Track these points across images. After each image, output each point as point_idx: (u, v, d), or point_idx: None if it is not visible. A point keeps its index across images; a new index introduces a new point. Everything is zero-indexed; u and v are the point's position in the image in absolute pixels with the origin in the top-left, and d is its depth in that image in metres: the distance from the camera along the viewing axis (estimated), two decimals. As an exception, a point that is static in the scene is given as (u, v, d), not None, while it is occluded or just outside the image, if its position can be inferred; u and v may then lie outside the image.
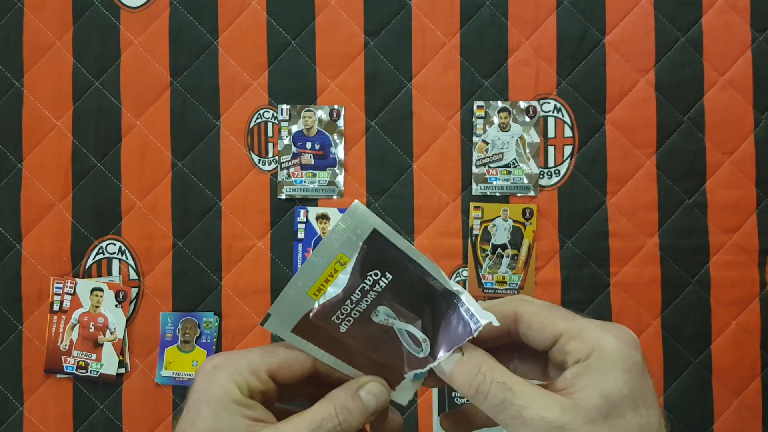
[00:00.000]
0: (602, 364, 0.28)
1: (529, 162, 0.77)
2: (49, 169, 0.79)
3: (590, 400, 0.27)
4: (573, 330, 0.30)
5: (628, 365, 0.28)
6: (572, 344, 0.30)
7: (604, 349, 0.29)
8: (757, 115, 0.77)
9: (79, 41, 0.80)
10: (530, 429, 0.28)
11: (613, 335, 0.29)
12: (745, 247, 0.76)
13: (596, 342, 0.29)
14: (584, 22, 0.78)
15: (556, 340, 0.30)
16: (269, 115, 0.79)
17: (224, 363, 0.31)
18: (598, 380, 0.28)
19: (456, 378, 0.31)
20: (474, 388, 0.29)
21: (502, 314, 0.32)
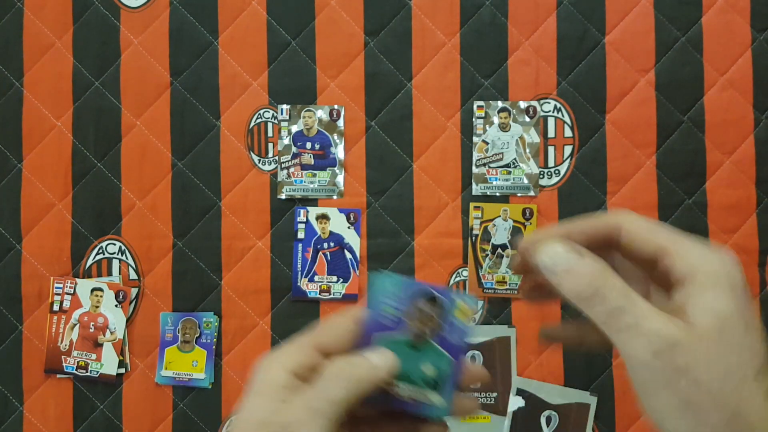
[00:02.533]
0: (710, 283, 0.28)
1: (529, 162, 0.77)
2: (49, 169, 0.79)
3: (703, 320, 0.27)
4: (678, 246, 0.30)
5: (735, 285, 0.28)
6: (677, 260, 0.29)
7: (711, 267, 0.28)
8: (757, 115, 0.77)
9: (79, 41, 0.80)
10: (643, 340, 0.27)
11: (717, 256, 0.29)
12: (745, 247, 0.76)
13: (702, 260, 0.29)
14: (584, 22, 0.78)
15: (659, 255, 0.30)
16: (269, 115, 0.79)
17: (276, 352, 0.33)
18: (708, 299, 0.28)
19: (572, 278, 0.30)
20: (593, 288, 0.29)
21: (605, 223, 0.32)
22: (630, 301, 0.28)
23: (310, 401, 0.30)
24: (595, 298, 0.29)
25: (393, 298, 0.33)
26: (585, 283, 0.29)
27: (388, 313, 0.33)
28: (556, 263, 0.30)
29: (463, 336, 0.33)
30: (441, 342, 0.33)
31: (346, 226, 0.77)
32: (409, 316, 0.33)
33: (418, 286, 0.34)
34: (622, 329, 0.28)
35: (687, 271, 0.29)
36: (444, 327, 0.33)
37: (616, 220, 0.32)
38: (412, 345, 0.33)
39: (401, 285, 0.33)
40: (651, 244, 0.30)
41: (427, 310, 0.33)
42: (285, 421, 0.29)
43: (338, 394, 0.30)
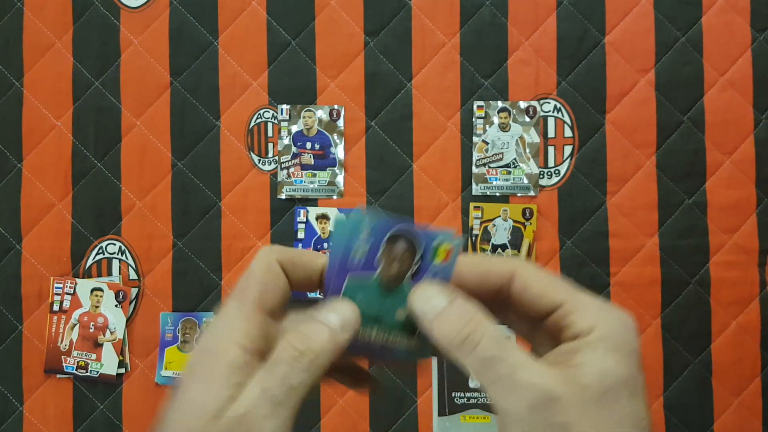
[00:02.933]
0: (603, 343, 0.26)
1: (529, 162, 0.77)
2: (49, 169, 0.79)
3: (587, 377, 0.25)
4: (575, 303, 0.28)
5: (629, 350, 0.26)
6: (572, 317, 0.28)
7: (607, 329, 0.27)
8: (757, 115, 0.77)
9: (79, 41, 0.80)
10: (519, 394, 0.25)
11: (616, 317, 0.27)
12: (745, 247, 0.76)
13: (599, 319, 0.27)
14: (584, 22, 0.78)
15: (553, 309, 0.28)
16: (269, 115, 0.79)
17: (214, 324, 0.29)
18: (597, 358, 0.26)
19: (442, 324, 0.27)
20: (462, 337, 0.26)
21: (498, 270, 0.30)
22: (504, 350, 0.26)
23: (267, 388, 0.26)
24: (466, 345, 0.26)
25: (362, 238, 0.30)
26: (455, 328, 0.27)
27: (358, 255, 0.30)
28: (426, 307, 0.28)
29: (441, 277, 0.30)
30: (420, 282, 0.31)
31: (346, 226, 0.77)
32: (381, 257, 0.30)
33: (390, 224, 0.30)
34: (495, 380, 0.25)
35: (583, 328, 0.27)
36: (420, 268, 0.30)
37: (510, 266, 0.30)
38: (384, 288, 0.30)
39: (371, 224, 0.30)
40: (548, 296, 0.29)
41: (400, 251, 0.30)
42: (241, 412, 0.25)
43: (297, 377, 0.26)
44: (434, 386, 0.76)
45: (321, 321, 0.29)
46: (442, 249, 0.30)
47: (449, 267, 0.30)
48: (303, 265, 0.30)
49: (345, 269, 0.30)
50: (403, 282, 0.30)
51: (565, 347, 0.27)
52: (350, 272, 0.30)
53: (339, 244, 0.30)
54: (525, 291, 0.29)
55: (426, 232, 0.30)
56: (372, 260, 0.30)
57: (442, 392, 0.76)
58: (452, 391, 0.76)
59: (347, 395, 0.76)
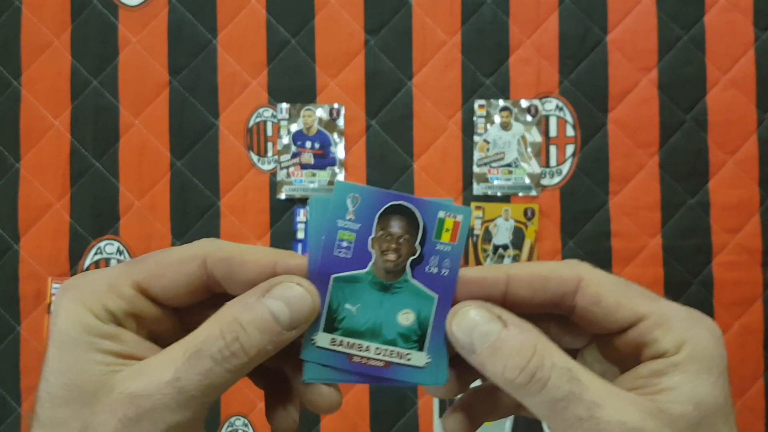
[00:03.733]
0: (694, 364, 0.22)
1: (531, 161, 0.77)
2: (47, 168, 0.79)
3: (679, 406, 0.21)
4: (658, 315, 0.23)
5: (723, 367, 0.23)
6: (657, 332, 0.23)
7: (697, 345, 0.23)
8: (760, 114, 0.76)
9: (78, 40, 0.79)
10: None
11: (706, 329, 0.23)
12: (748, 247, 0.76)
13: (688, 334, 0.23)
14: (586, 21, 0.77)
15: (632, 324, 0.24)
16: (269, 114, 0.78)
17: (76, 284, 0.23)
18: (689, 382, 0.22)
19: (498, 359, 0.22)
20: (528, 375, 0.22)
21: (559, 276, 0.24)
22: (580, 385, 0.22)
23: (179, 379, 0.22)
24: (532, 384, 0.22)
25: (350, 216, 0.24)
26: (516, 364, 0.22)
27: (344, 240, 0.24)
28: (474, 338, 0.23)
29: (450, 262, 0.25)
30: (420, 275, 0.25)
31: (346, 226, 0.77)
32: (374, 242, 0.24)
33: (383, 195, 0.24)
34: (571, 425, 0.21)
35: (670, 345, 0.23)
36: (423, 253, 0.25)
37: (575, 272, 0.25)
38: (380, 284, 0.25)
39: (359, 196, 0.24)
40: (625, 309, 0.24)
41: (398, 231, 0.24)
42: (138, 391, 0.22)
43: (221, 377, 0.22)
44: (435, 387, 0.75)
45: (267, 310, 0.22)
46: (447, 223, 0.25)
47: (458, 248, 0.25)
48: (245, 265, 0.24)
49: (329, 267, 0.24)
50: (404, 274, 0.25)
51: (648, 368, 0.23)
52: (334, 273, 0.24)
53: (318, 233, 0.24)
54: (596, 303, 0.24)
55: (427, 205, 0.24)
56: (362, 249, 0.24)
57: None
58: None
59: (347, 395, 0.76)
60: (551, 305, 0.25)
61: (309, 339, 0.24)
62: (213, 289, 0.25)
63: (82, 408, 0.22)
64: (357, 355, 0.24)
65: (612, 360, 0.26)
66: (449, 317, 0.24)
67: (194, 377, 0.22)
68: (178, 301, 0.24)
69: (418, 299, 0.24)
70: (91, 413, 0.22)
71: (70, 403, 0.22)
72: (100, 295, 0.23)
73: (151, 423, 0.21)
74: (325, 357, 0.25)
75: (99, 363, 0.22)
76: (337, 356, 0.24)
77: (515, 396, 0.23)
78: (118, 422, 0.21)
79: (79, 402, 0.22)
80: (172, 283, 0.24)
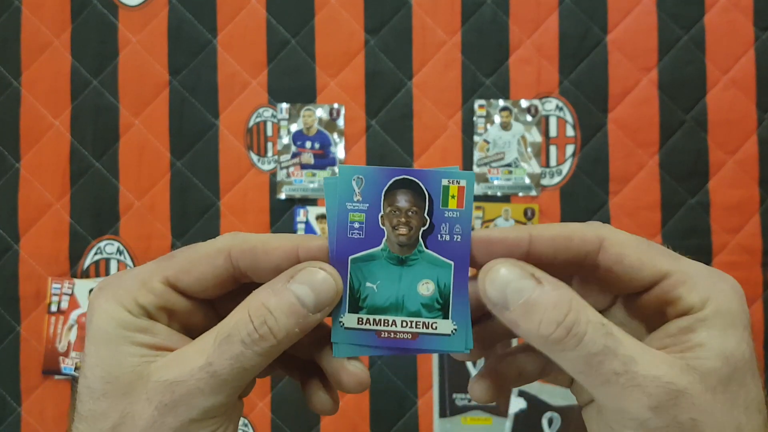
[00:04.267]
0: (721, 319, 0.22)
1: (531, 161, 0.77)
2: (47, 168, 0.79)
3: (709, 362, 0.22)
4: (681, 272, 0.24)
5: (747, 321, 0.23)
6: (681, 289, 0.23)
7: (722, 300, 0.23)
8: (760, 114, 0.76)
9: (78, 40, 0.79)
10: (638, 391, 0.21)
11: (729, 284, 0.23)
12: (748, 247, 0.76)
13: (712, 290, 0.23)
14: (586, 21, 0.77)
15: (656, 282, 0.24)
16: (269, 114, 0.78)
17: (109, 282, 0.25)
18: (717, 337, 0.22)
19: (534, 315, 0.22)
20: (565, 330, 0.21)
21: (581, 236, 0.25)
22: (614, 341, 0.22)
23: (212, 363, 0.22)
24: (568, 340, 0.22)
25: (357, 198, 0.25)
26: (551, 319, 0.22)
27: (356, 221, 0.25)
28: (508, 295, 0.23)
29: (461, 228, 0.25)
30: (434, 245, 0.25)
31: (346, 226, 0.77)
32: (383, 219, 0.25)
33: (386, 172, 0.25)
34: (608, 380, 0.21)
35: (695, 301, 0.23)
36: (433, 222, 0.25)
37: (596, 232, 0.25)
38: (396, 259, 0.25)
39: (364, 177, 0.25)
40: (648, 267, 0.24)
41: (405, 205, 0.25)
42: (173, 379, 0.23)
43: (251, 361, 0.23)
44: (435, 387, 0.76)
45: (292, 294, 0.23)
46: (452, 190, 0.25)
47: (466, 213, 0.25)
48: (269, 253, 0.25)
49: (345, 249, 0.25)
50: (418, 245, 0.25)
51: (675, 325, 0.23)
52: (350, 254, 0.25)
53: (332, 214, 0.25)
54: (619, 261, 0.24)
55: (430, 175, 0.25)
56: (374, 227, 0.25)
57: (443, 393, 0.75)
58: (453, 393, 0.75)
59: (347, 396, 0.76)
60: (574, 265, 0.25)
61: (337, 321, 0.25)
62: (240, 279, 0.26)
63: (119, 399, 0.23)
64: (384, 330, 0.25)
65: (637, 319, 0.26)
66: (481, 275, 0.24)
67: (225, 361, 0.22)
68: (208, 293, 0.25)
69: (436, 268, 0.25)
70: (130, 403, 0.22)
71: (108, 395, 0.23)
72: (133, 291, 0.24)
73: (187, 408, 0.22)
74: (354, 337, 0.25)
75: (134, 355, 0.23)
76: (365, 334, 0.25)
77: (548, 353, 0.23)
78: (154, 409, 0.22)
79: (117, 393, 0.23)
80: (200, 276, 0.25)
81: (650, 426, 0.21)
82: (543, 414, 0.74)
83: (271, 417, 0.76)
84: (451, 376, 0.75)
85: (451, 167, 0.25)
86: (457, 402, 0.75)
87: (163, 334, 0.24)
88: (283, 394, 0.76)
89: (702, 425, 0.21)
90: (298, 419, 0.76)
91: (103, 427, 0.23)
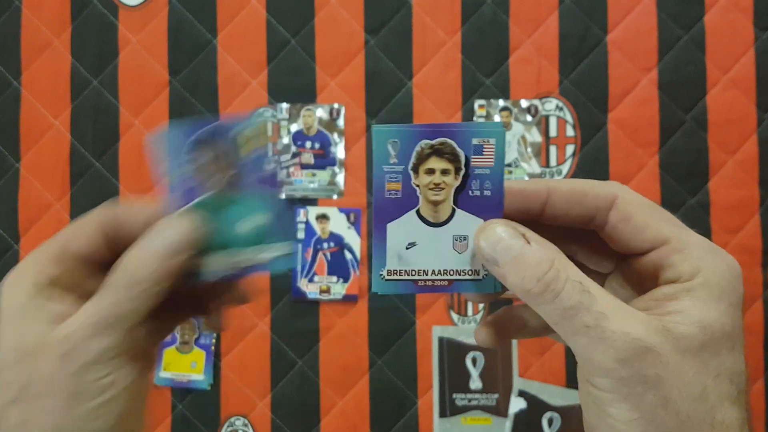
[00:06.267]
0: (707, 291, 0.23)
1: (531, 161, 0.77)
2: (46, 168, 0.79)
3: (684, 327, 0.23)
4: (680, 241, 0.25)
5: (735, 299, 0.24)
6: (675, 257, 0.24)
7: (712, 274, 0.24)
8: (760, 114, 0.76)
9: (78, 40, 0.79)
10: (605, 344, 0.22)
11: (724, 261, 0.24)
12: (748, 247, 0.76)
13: (705, 262, 0.24)
14: (586, 21, 0.77)
15: (655, 246, 0.25)
16: (269, 114, 0.78)
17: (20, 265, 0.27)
18: (698, 307, 0.23)
19: (518, 270, 0.24)
20: (543, 285, 0.23)
21: (596, 192, 0.26)
22: (589, 297, 0.23)
23: (92, 314, 0.25)
24: (546, 294, 0.23)
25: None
26: (533, 275, 0.24)
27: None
28: (498, 251, 0.25)
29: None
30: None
31: (347, 226, 0.77)
32: (199, 169, 0.27)
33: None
34: (578, 331, 0.23)
35: (685, 270, 0.24)
36: (239, 165, 0.27)
37: (611, 190, 0.26)
38: (221, 202, 0.27)
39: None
40: (651, 231, 0.25)
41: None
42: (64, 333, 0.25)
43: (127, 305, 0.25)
44: (435, 387, 0.75)
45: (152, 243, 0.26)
46: (249, 136, 0.27)
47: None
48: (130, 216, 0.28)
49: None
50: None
51: (662, 291, 0.24)
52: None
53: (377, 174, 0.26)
54: (626, 221, 0.26)
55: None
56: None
57: (443, 394, 0.75)
58: (453, 393, 0.75)
59: (347, 396, 0.76)
60: (586, 220, 0.27)
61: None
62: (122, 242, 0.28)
63: (25, 366, 0.25)
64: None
65: (633, 284, 0.27)
66: (477, 232, 0.26)
67: (106, 308, 0.25)
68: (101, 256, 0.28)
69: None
70: (34, 367, 0.24)
71: (15, 364, 0.25)
72: (40, 265, 0.26)
73: (81, 354, 0.25)
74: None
75: (42, 322, 0.25)
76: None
77: (530, 305, 0.25)
78: (56, 360, 0.24)
79: (23, 361, 0.25)
80: (87, 241, 0.27)
81: (615, 376, 0.23)
82: (543, 414, 0.74)
83: (271, 417, 0.76)
84: (451, 376, 0.75)
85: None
86: (457, 402, 0.75)
87: (69, 301, 0.26)
88: (283, 394, 0.76)
89: (666, 381, 0.22)
90: (298, 419, 0.76)
91: (14, 391, 0.25)
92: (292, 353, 0.76)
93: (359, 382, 0.76)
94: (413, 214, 0.26)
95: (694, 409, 0.23)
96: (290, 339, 0.76)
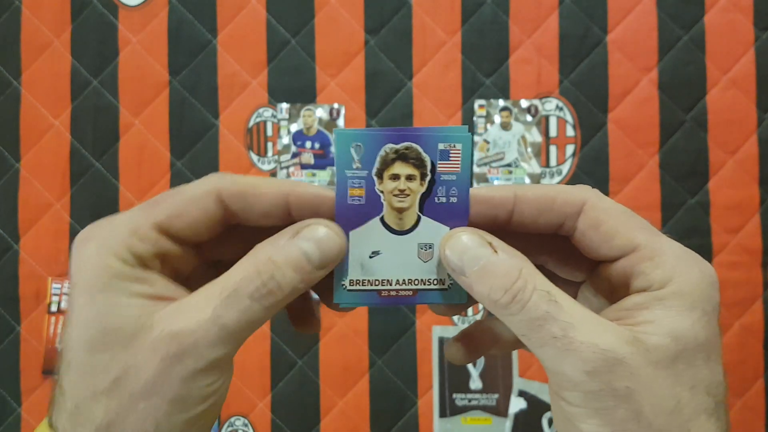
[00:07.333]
0: (679, 300, 0.23)
1: (531, 161, 0.77)
2: (47, 168, 0.79)
3: (656, 338, 0.22)
4: (652, 247, 0.24)
5: (710, 307, 0.23)
6: (646, 265, 0.24)
7: (685, 282, 0.23)
8: (760, 114, 0.76)
9: (77, 40, 0.79)
10: (574, 356, 0.22)
11: (698, 269, 0.23)
12: (748, 247, 0.76)
13: (677, 271, 0.23)
14: (586, 21, 0.77)
15: (625, 253, 0.24)
16: (269, 114, 0.78)
17: (97, 233, 0.23)
18: (670, 317, 0.22)
19: (485, 281, 0.23)
20: (511, 295, 0.23)
21: (565, 198, 0.25)
22: (557, 307, 0.22)
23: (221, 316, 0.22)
24: (513, 304, 0.23)
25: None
26: (500, 285, 0.23)
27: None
28: (464, 261, 0.24)
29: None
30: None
31: (346, 226, 0.77)
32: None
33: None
34: (546, 342, 0.22)
35: (656, 279, 0.23)
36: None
37: (580, 195, 0.25)
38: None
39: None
40: (621, 237, 0.24)
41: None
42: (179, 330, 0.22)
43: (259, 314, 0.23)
44: (435, 387, 0.76)
45: (299, 250, 0.23)
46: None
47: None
48: (260, 197, 0.25)
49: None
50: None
51: (632, 301, 0.24)
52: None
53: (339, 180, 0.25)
54: (595, 227, 0.25)
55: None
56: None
57: (443, 394, 0.75)
58: (453, 393, 0.75)
59: (347, 396, 0.76)
60: (555, 226, 0.26)
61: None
62: (229, 221, 0.25)
63: (121, 351, 0.22)
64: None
65: (606, 293, 0.26)
66: (442, 241, 0.25)
67: (233, 314, 0.22)
68: (199, 237, 0.25)
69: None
70: (132, 355, 0.22)
71: (109, 348, 0.22)
72: (124, 240, 0.23)
73: (194, 359, 0.22)
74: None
75: (134, 306, 0.22)
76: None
77: (498, 316, 0.24)
78: (160, 361, 0.22)
79: (119, 345, 0.22)
80: (191, 221, 0.24)
81: (584, 389, 0.22)
82: (543, 414, 0.74)
83: (271, 417, 0.76)
84: (451, 376, 0.75)
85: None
86: (457, 402, 0.75)
87: (159, 283, 0.24)
88: (283, 394, 0.76)
89: (637, 394, 0.21)
90: (298, 419, 0.76)
91: (102, 381, 0.22)
92: (292, 353, 0.76)
93: (359, 382, 0.76)
94: (377, 221, 0.25)
95: (668, 422, 0.22)
96: (290, 339, 0.76)
